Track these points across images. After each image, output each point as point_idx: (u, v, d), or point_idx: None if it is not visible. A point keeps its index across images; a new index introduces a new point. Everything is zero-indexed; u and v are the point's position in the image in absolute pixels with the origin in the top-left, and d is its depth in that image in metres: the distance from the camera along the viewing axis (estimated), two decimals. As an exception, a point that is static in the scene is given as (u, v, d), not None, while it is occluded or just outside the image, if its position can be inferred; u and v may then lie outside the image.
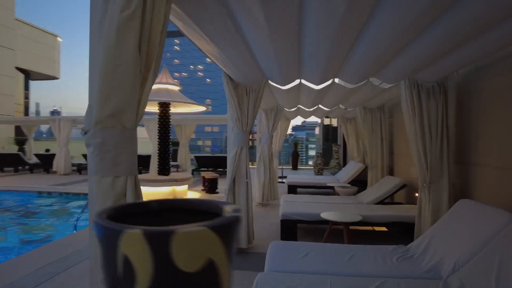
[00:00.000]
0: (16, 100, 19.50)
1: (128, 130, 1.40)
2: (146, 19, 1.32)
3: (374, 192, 5.40)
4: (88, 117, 1.35)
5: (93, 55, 1.36)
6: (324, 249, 2.98)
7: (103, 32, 1.29)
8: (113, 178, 1.35)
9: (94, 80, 1.33)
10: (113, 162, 1.35)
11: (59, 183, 9.83)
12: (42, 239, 5.41)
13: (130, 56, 1.30)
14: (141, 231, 0.45)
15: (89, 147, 1.36)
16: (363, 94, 4.98)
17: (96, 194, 1.35)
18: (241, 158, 3.95)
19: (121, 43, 1.28)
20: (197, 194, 8.00)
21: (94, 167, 1.35)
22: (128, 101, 1.34)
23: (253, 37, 2.31)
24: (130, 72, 1.31)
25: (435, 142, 3.76)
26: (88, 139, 1.35)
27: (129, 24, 1.27)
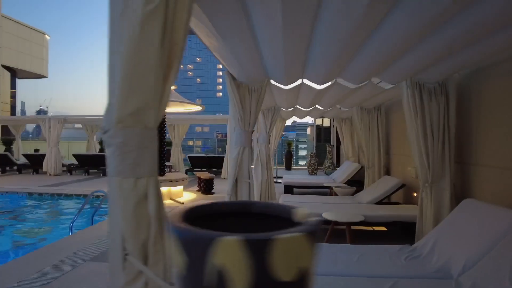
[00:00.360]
0: (2, 99, 19.00)
1: (149, 129, 1.35)
2: (169, 14, 1.27)
3: (373, 192, 5.43)
4: (108, 116, 1.29)
5: (113, 52, 1.30)
6: (331, 249, 2.96)
7: (124, 27, 1.24)
8: (134, 180, 1.30)
9: (114, 78, 1.28)
10: (134, 163, 1.29)
11: (50, 184, 9.60)
12: (36, 242, 5.26)
13: (153, 53, 1.25)
14: (240, 238, 0.41)
15: (109, 147, 1.30)
16: (363, 94, 4.99)
17: (117, 197, 1.29)
18: (243, 158, 3.91)
19: (144, 39, 1.22)
20: (193, 194, 7.92)
21: (115, 168, 1.29)
22: (150, 99, 1.29)
23: (264, 35, 2.28)
24: (152, 69, 1.26)
25: (437, 142, 3.79)
26: (108, 139, 1.29)
27: (153, 18, 1.22)
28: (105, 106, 1.32)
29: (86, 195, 7.94)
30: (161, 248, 1.34)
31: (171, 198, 7.16)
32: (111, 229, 1.34)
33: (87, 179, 11.00)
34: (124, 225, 1.29)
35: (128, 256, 1.30)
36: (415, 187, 5.30)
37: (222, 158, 11.53)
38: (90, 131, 14.37)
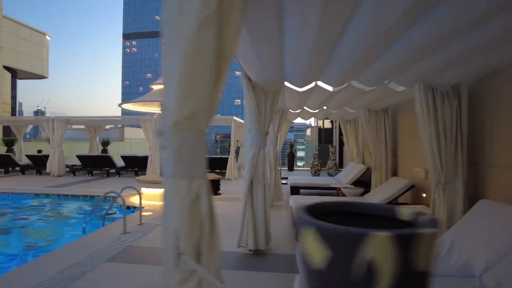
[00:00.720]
0: (3, 100, 18.95)
1: (201, 132, 1.39)
2: (223, 19, 1.32)
3: (382, 193, 5.48)
4: (164, 119, 1.34)
5: (168, 58, 1.34)
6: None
7: (180, 33, 1.28)
8: (188, 181, 1.34)
9: (170, 83, 1.32)
10: (189, 165, 1.34)
11: (55, 185, 9.61)
12: (46, 244, 5.28)
13: (208, 58, 1.29)
14: (391, 234, 0.46)
15: (165, 150, 1.34)
16: (373, 96, 5.06)
17: (173, 197, 1.34)
18: (259, 159, 3.96)
19: (200, 45, 1.27)
20: (199, 195, 7.94)
21: (171, 170, 1.34)
22: (204, 102, 1.33)
23: (294, 39, 2.33)
24: (206, 75, 1.31)
25: (450, 144, 3.86)
26: (164, 142, 1.34)
27: (208, 24, 1.26)
28: (161, 110, 1.37)
29: (93, 196, 7.98)
30: (212, 247, 1.38)
31: (179, 199, 7.19)
32: (165, 229, 1.39)
33: (91, 180, 11.01)
34: (179, 224, 1.34)
35: (182, 255, 1.34)
36: (423, 188, 5.36)
37: (225, 159, 11.56)
38: (93, 132, 14.36)
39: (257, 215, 3.91)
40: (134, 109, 8.39)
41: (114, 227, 5.02)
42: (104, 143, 15.12)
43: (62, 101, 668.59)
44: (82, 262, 3.63)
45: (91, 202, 7.80)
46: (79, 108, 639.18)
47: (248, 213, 3.87)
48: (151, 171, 11.07)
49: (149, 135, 11.19)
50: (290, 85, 4.10)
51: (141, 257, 3.88)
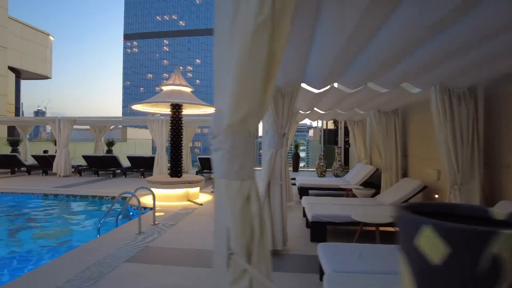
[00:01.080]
0: (8, 100, 18.99)
1: (251, 135, 1.42)
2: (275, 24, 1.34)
3: (394, 194, 5.51)
4: (217, 121, 1.36)
5: (222, 61, 1.37)
6: (373, 250, 3.04)
7: (234, 37, 1.31)
8: (240, 182, 1.37)
9: (223, 85, 1.35)
10: (241, 166, 1.37)
11: (63, 185, 9.63)
12: (60, 244, 5.29)
13: (262, 61, 1.32)
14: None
15: (217, 151, 1.37)
16: (387, 98, 5.08)
17: (225, 198, 1.36)
18: (276, 160, 3.98)
19: (255, 48, 1.29)
20: (208, 196, 7.97)
21: (223, 171, 1.36)
22: (256, 106, 1.36)
23: (323, 43, 2.36)
24: (259, 78, 1.33)
25: (466, 146, 3.88)
26: (217, 143, 1.36)
27: (262, 29, 1.29)
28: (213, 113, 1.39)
29: (102, 197, 8.00)
30: (263, 247, 1.41)
31: (188, 199, 7.22)
32: (217, 228, 1.41)
33: (98, 180, 11.03)
34: (231, 225, 1.36)
35: (233, 255, 1.37)
36: (436, 189, 5.38)
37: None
38: (98, 133, 14.39)
39: (274, 216, 3.93)
40: (143, 110, 8.41)
41: (128, 228, 5.05)
42: (109, 144, 15.15)
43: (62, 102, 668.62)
44: (101, 262, 3.65)
45: (101, 203, 7.83)
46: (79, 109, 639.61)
47: (265, 214, 3.89)
48: (157, 172, 11.08)
49: (156, 135, 11.21)
50: (307, 87, 4.12)
51: (159, 257, 3.90)
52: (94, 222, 6.57)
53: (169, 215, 5.97)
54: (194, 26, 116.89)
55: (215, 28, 1.40)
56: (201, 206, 6.80)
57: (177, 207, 6.67)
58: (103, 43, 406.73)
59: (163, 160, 11.15)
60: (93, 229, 6.06)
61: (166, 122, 11.24)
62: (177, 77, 7.57)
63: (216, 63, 1.40)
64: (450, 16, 2.10)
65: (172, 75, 7.69)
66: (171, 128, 7.61)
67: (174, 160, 7.59)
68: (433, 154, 5.47)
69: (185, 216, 5.88)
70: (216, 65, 1.40)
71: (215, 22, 1.39)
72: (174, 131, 7.59)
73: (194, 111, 8.72)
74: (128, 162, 12.48)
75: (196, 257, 3.94)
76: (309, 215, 4.55)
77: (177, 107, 7.53)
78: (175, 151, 7.60)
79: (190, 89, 7.73)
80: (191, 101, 7.24)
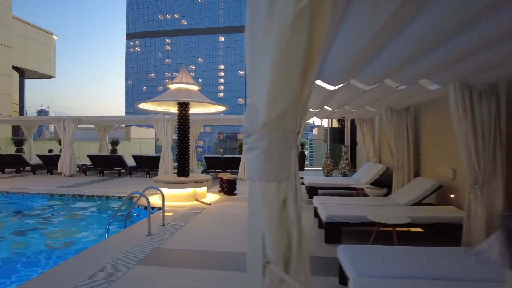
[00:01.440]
0: (12, 100, 18.97)
1: (288, 133, 1.31)
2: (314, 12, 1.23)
3: (408, 194, 5.38)
4: (252, 118, 1.25)
5: (256, 55, 1.25)
6: (395, 252, 2.92)
7: (272, 26, 1.20)
8: (277, 184, 1.25)
9: (258, 79, 1.24)
10: (278, 167, 1.25)
11: (68, 185, 9.56)
12: (68, 245, 5.20)
13: (301, 52, 1.21)
14: None
15: (252, 151, 1.26)
16: (402, 95, 4.95)
17: (261, 202, 1.25)
18: (291, 160, 3.86)
19: (294, 39, 1.18)
20: (216, 195, 7.87)
21: (258, 172, 1.25)
22: (294, 101, 1.25)
23: (349, 37, 2.24)
24: (297, 72, 1.22)
25: (488, 144, 3.75)
26: (252, 142, 1.25)
27: (302, 18, 1.18)
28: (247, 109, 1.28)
29: (108, 197, 7.92)
30: (302, 255, 1.30)
31: (196, 199, 7.12)
32: (251, 234, 1.30)
33: (103, 180, 10.95)
34: (267, 231, 1.25)
35: (269, 264, 1.26)
36: (451, 188, 5.25)
37: (238, 158, 11.49)
38: (103, 132, 14.32)
39: (289, 217, 3.81)
40: (150, 109, 8.31)
41: (137, 229, 4.95)
42: (113, 143, 15.08)
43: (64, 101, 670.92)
44: (112, 265, 3.56)
45: (108, 203, 7.75)
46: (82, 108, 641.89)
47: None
48: (163, 171, 11.00)
49: (161, 134, 11.12)
50: (322, 84, 4.00)
51: (171, 259, 3.80)
52: (101, 222, 6.49)
53: (177, 215, 5.87)
54: (196, 25, 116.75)
55: (249, 20, 1.28)
56: (210, 206, 6.69)
57: (185, 207, 6.58)
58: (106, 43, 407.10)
59: (168, 159, 11.06)
60: (100, 229, 5.97)
61: (172, 121, 11.16)
62: (184, 75, 7.45)
63: (250, 57, 1.28)
64: (480, 13, 1.99)
65: (179, 73, 7.58)
66: (178, 127, 7.50)
67: (182, 160, 7.49)
68: (448, 152, 5.34)
69: (194, 217, 5.78)
70: (250, 58, 1.29)
71: (249, 13, 1.28)
72: (182, 130, 7.49)
73: (201, 109, 8.62)
74: (133, 161, 12.40)
75: (208, 259, 3.84)
76: (323, 215, 4.43)
77: (184, 106, 7.42)
78: (183, 150, 7.50)
79: (197, 87, 7.61)
80: (199, 100, 7.13)
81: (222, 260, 3.80)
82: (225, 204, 6.98)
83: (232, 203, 7.06)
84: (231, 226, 5.19)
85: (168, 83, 7.52)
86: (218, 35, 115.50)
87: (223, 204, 6.97)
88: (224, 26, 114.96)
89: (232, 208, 6.60)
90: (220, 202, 7.11)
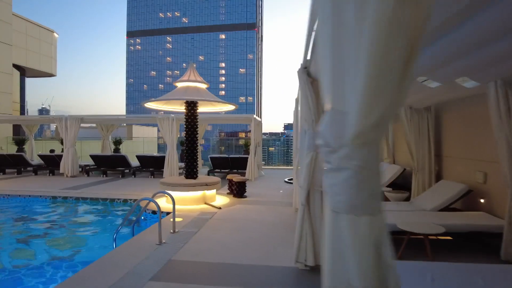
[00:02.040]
0: (13, 98, 18.63)
1: (379, 147, 0.98)
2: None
3: (434, 198, 5.05)
4: (337, 128, 0.92)
5: (343, 45, 0.93)
6: (445, 269, 2.60)
7: (366, 13, 0.88)
8: (370, 219, 0.93)
9: (348, 78, 0.91)
10: (372, 195, 0.93)
11: (71, 187, 9.25)
12: (73, 254, 4.89)
13: (403, 41, 0.89)
14: None
15: (338, 172, 0.93)
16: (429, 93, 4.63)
17: (351, 242, 0.93)
18: (316, 164, 3.54)
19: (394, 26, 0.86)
20: (225, 198, 7.55)
21: (347, 202, 0.93)
22: (393, 103, 0.92)
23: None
24: (401, 63, 0.90)
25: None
26: (339, 161, 0.92)
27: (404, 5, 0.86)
28: (328, 116, 0.95)
29: (113, 200, 7.60)
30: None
31: (205, 203, 6.80)
32: (334, 281, 0.98)
33: (107, 181, 10.63)
34: (358, 279, 0.92)
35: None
36: (481, 193, 4.92)
37: (245, 159, 11.16)
38: (105, 131, 14.00)
39: (315, 227, 3.50)
40: (156, 108, 7.97)
41: (146, 237, 4.63)
42: (116, 142, 14.75)
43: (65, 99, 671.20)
44: (124, 281, 3.24)
45: (113, 206, 7.44)
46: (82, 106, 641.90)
47: (306, 225, 3.46)
48: (168, 172, 10.69)
49: (166, 134, 10.80)
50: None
51: (188, 274, 3.48)
52: (107, 227, 6.18)
53: (187, 221, 5.55)
54: (197, 23, 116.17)
55: (334, 10, 0.96)
56: (220, 210, 6.38)
57: (194, 211, 6.26)
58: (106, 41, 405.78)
59: (174, 160, 10.75)
60: (106, 235, 5.67)
61: (177, 120, 10.84)
62: (192, 73, 7.12)
63: (335, 50, 0.96)
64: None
65: (187, 70, 7.24)
66: (186, 127, 7.17)
67: (190, 161, 7.16)
68: (478, 154, 5.00)
69: (205, 222, 5.46)
70: (333, 54, 0.96)
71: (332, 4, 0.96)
72: (190, 130, 7.15)
73: (209, 108, 8.29)
74: (136, 161, 12.08)
75: (229, 274, 3.51)
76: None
77: (193, 105, 7.09)
78: (191, 151, 7.17)
79: (206, 85, 7.28)
80: (209, 99, 6.80)
81: (246, 275, 3.48)
82: (236, 208, 6.66)
83: (243, 207, 6.74)
84: (247, 233, 4.87)
85: (176, 81, 7.18)
86: (219, 33, 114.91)
87: (234, 208, 6.65)
88: (225, 24, 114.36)
89: (244, 212, 6.28)
90: (230, 206, 6.79)
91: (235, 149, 22.51)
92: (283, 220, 5.70)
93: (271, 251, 4.11)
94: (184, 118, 7.17)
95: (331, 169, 0.94)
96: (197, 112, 7.16)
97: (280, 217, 5.88)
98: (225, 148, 23.98)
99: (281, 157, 32.74)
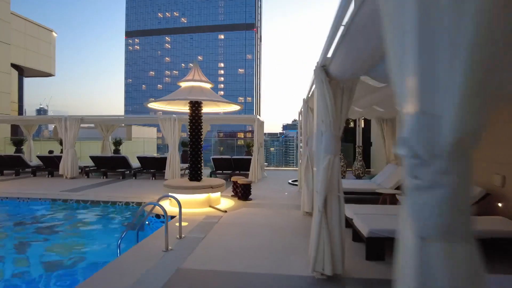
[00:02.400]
0: (12, 98, 18.37)
1: (472, 159, 0.79)
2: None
3: (449, 202, 4.87)
4: (428, 134, 0.74)
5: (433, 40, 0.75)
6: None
7: None
8: (465, 246, 0.74)
9: (442, 72, 0.73)
10: (468, 217, 0.74)
11: (71, 189, 9.03)
12: (74, 262, 4.68)
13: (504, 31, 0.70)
14: None
15: (430, 191, 0.74)
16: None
17: (447, 273, 0.74)
18: (334, 168, 3.35)
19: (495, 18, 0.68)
20: (230, 201, 7.36)
21: (441, 227, 0.74)
22: (492, 103, 0.74)
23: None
24: (499, 58, 0.71)
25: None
26: (433, 177, 0.73)
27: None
28: (415, 119, 0.76)
29: (114, 202, 7.39)
30: None
31: (211, 206, 6.61)
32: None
33: (107, 182, 10.41)
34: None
35: None
36: (498, 197, 4.75)
37: (247, 160, 10.97)
38: (105, 131, 13.78)
39: (333, 235, 3.31)
40: (159, 108, 7.78)
41: (152, 243, 4.43)
42: (116, 143, 14.54)
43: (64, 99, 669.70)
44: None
45: (115, 209, 7.23)
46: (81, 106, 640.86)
47: (324, 233, 3.27)
48: (170, 173, 10.49)
49: (168, 134, 10.61)
50: (369, 81, 3.49)
51: (197, 284, 3.29)
52: (109, 232, 5.98)
53: (194, 225, 5.36)
54: (196, 23, 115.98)
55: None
56: (226, 214, 6.18)
57: (200, 214, 6.06)
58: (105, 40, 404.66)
59: (175, 161, 10.56)
60: (108, 240, 5.47)
61: (179, 121, 10.65)
62: (197, 72, 6.93)
63: (421, 41, 0.77)
64: None
65: (191, 70, 7.05)
66: (190, 128, 6.98)
67: (194, 163, 6.97)
68: (495, 156, 4.83)
69: (212, 227, 5.26)
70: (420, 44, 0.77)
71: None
72: (194, 131, 6.96)
73: (213, 109, 8.10)
74: (136, 162, 11.87)
75: (242, 283, 3.32)
76: (364, 230, 3.92)
77: (197, 105, 6.89)
78: (195, 152, 6.98)
79: (210, 85, 7.09)
80: (214, 99, 6.61)
81: (260, 285, 3.28)
82: (242, 211, 6.47)
83: (249, 210, 6.55)
84: (257, 239, 4.67)
85: (180, 81, 6.99)
86: (218, 33, 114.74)
87: (239, 211, 6.46)
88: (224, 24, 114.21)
89: (251, 216, 6.09)
90: (236, 209, 6.60)
91: (236, 149, 22.32)
92: (292, 224, 5.51)
93: (284, 258, 3.92)
94: (188, 119, 6.97)
95: (419, 187, 0.76)
96: (202, 112, 6.97)
97: (288, 221, 5.70)
98: (224, 149, 23.81)
99: (280, 158, 32.60)
